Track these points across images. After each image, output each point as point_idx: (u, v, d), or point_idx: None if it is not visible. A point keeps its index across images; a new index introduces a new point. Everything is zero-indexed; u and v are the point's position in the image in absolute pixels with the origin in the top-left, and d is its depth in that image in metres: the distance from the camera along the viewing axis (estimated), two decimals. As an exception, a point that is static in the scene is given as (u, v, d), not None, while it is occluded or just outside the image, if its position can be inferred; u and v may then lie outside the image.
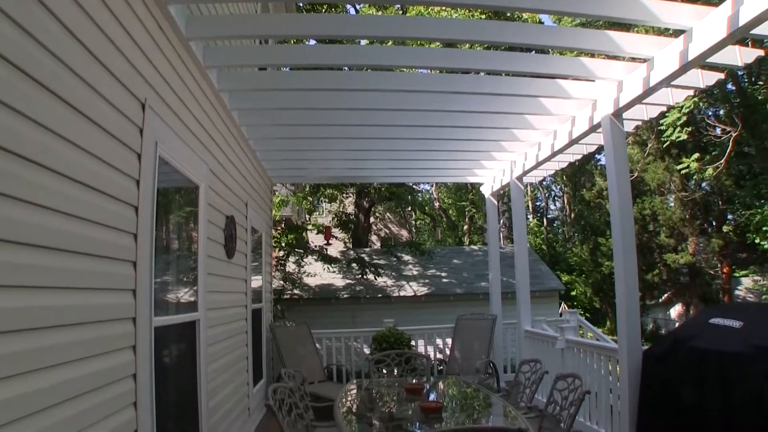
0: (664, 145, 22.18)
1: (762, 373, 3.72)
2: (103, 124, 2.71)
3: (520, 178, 8.32)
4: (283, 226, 14.89)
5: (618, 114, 5.39)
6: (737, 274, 25.76)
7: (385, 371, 6.59)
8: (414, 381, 5.50)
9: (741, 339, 4.03)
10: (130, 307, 3.03)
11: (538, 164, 7.55)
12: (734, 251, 24.37)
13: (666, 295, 28.11)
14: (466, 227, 35.78)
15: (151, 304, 3.27)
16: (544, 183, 35.92)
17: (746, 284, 25.43)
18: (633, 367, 5.02)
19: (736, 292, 25.28)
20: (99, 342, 2.65)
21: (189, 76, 4.32)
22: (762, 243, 19.98)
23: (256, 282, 7.69)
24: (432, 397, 5.06)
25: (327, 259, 15.46)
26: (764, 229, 19.64)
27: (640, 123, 6.64)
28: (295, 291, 15.62)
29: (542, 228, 36.98)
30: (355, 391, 5.42)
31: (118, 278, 2.91)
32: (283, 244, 13.99)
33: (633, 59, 5.06)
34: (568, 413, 3.89)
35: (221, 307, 5.43)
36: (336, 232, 19.68)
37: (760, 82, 20.34)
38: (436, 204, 35.86)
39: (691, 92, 5.71)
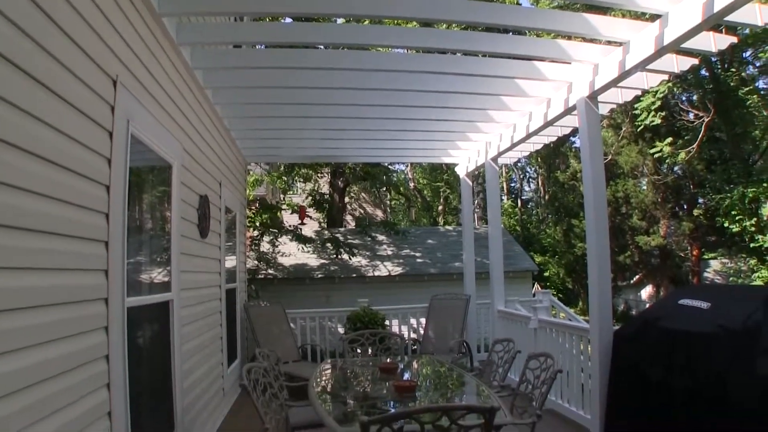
0: (638, 129, 22.45)
1: (727, 353, 3.82)
2: (72, 101, 2.63)
3: (495, 159, 8.35)
4: (257, 205, 14.78)
5: (593, 97, 5.42)
6: (706, 257, 26.36)
7: (359, 351, 6.62)
8: (388, 360, 5.53)
9: (708, 320, 4.12)
10: (102, 287, 2.99)
11: (513, 145, 7.58)
12: (704, 234, 24.89)
13: (637, 277, 28.62)
14: (440, 208, 35.92)
15: (123, 285, 3.23)
16: (519, 164, 36.17)
17: (715, 267, 26.08)
18: (604, 347, 5.11)
19: (705, 274, 25.90)
20: (70, 323, 2.61)
21: (162, 52, 4.23)
22: (731, 227, 20.48)
23: (231, 262, 7.64)
24: (406, 376, 5.10)
25: (301, 239, 15.41)
26: (733, 213, 20.11)
27: (614, 106, 6.69)
28: (270, 271, 15.59)
29: (516, 209, 37.31)
30: (329, 370, 5.43)
31: (89, 258, 2.86)
32: (258, 224, 13.89)
33: (609, 42, 5.07)
34: (540, 392, 3.95)
35: (195, 287, 5.39)
36: (311, 211, 19.60)
37: (733, 69, 20.67)
38: (411, 184, 35.92)
39: (665, 77, 5.74)
